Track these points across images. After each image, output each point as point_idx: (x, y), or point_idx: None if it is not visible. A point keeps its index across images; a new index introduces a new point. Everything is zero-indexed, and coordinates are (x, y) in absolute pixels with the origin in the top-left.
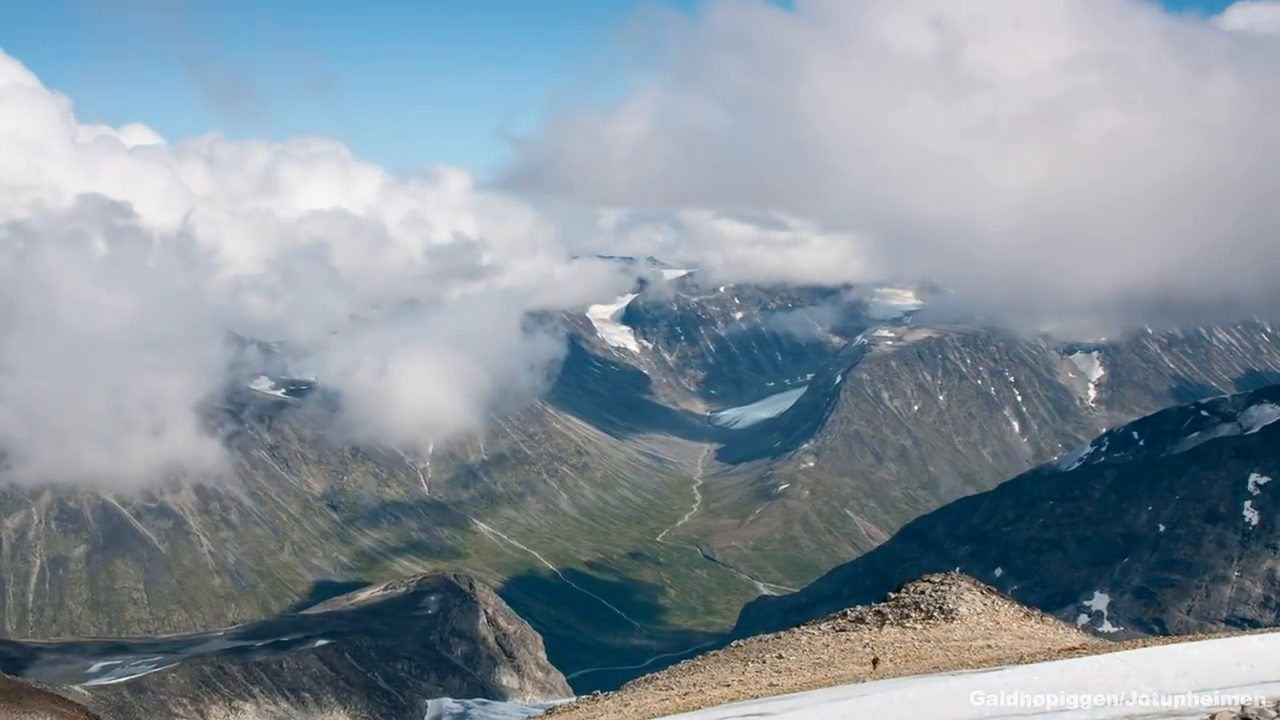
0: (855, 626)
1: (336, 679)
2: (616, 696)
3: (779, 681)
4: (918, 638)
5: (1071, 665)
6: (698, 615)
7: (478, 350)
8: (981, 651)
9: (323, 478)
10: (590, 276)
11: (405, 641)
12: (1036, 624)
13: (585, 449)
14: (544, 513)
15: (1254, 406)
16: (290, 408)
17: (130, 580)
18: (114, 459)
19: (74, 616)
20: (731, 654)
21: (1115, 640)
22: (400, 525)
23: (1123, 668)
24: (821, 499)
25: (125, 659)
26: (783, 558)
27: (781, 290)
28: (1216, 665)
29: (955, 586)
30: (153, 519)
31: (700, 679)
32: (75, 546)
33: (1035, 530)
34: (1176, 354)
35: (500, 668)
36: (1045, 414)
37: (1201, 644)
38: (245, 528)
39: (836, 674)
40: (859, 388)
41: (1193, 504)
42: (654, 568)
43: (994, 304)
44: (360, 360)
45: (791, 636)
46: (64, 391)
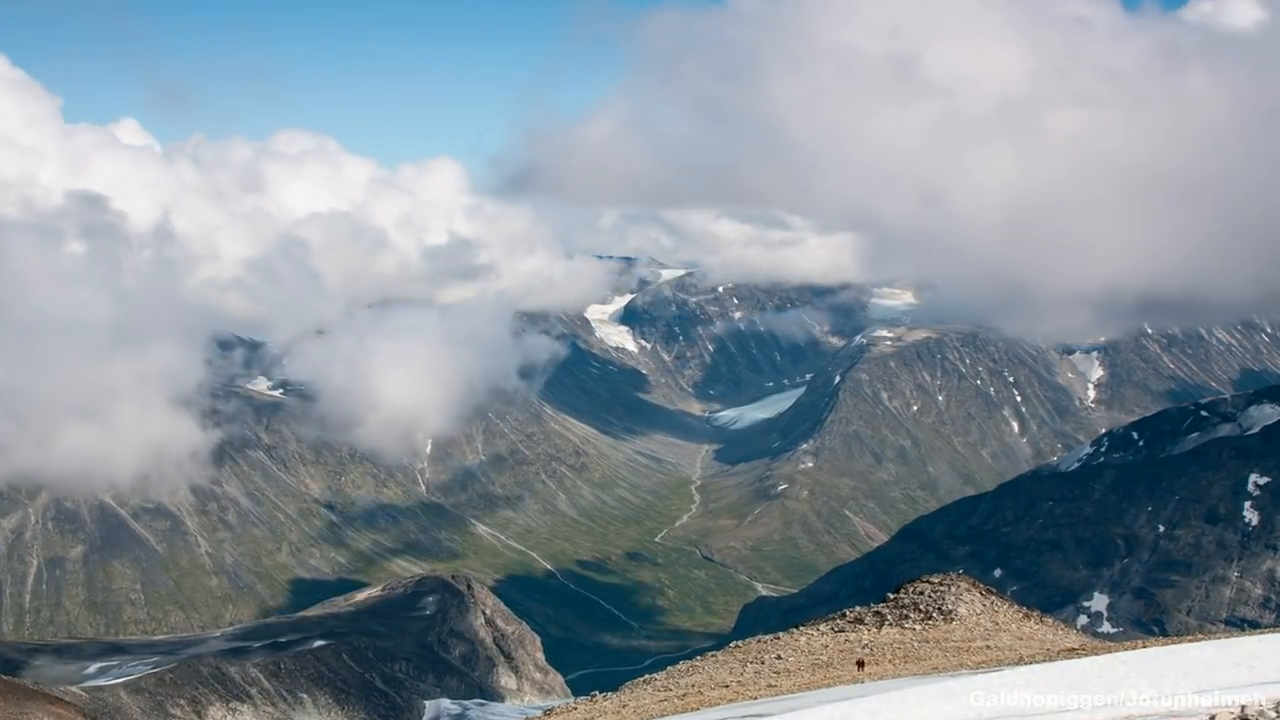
0: (854, 627)
1: (334, 680)
2: (615, 697)
3: (778, 682)
4: (917, 638)
5: (1071, 666)
6: (696, 616)
7: (475, 351)
8: (981, 652)
9: (320, 479)
10: (588, 276)
11: (403, 642)
12: (1036, 625)
13: (583, 449)
14: (542, 513)
15: (1254, 407)
16: (287, 409)
17: (127, 581)
18: (108, 457)
19: (71, 617)
20: (730, 655)
21: (1114, 641)
22: (398, 526)
23: (1122, 669)
24: (820, 499)
25: (122, 660)
26: (781, 558)
27: (780, 290)
28: (1216, 666)
29: (954, 587)
30: (150, 519)
31: (699, 680)
32: (72, 547)
33: (1034, 531)
34: (1176, 354)
35: (498, 669)
36: (1044, 414)
37: (1201, 645)
38: (243, 528)
39: (835, 675)
40: (858, 388)
41: (1192, 504)
42: (652, 568)
43: (985, 304)
44: (357, 361)
45: (790, 637)
46: (47, 385)
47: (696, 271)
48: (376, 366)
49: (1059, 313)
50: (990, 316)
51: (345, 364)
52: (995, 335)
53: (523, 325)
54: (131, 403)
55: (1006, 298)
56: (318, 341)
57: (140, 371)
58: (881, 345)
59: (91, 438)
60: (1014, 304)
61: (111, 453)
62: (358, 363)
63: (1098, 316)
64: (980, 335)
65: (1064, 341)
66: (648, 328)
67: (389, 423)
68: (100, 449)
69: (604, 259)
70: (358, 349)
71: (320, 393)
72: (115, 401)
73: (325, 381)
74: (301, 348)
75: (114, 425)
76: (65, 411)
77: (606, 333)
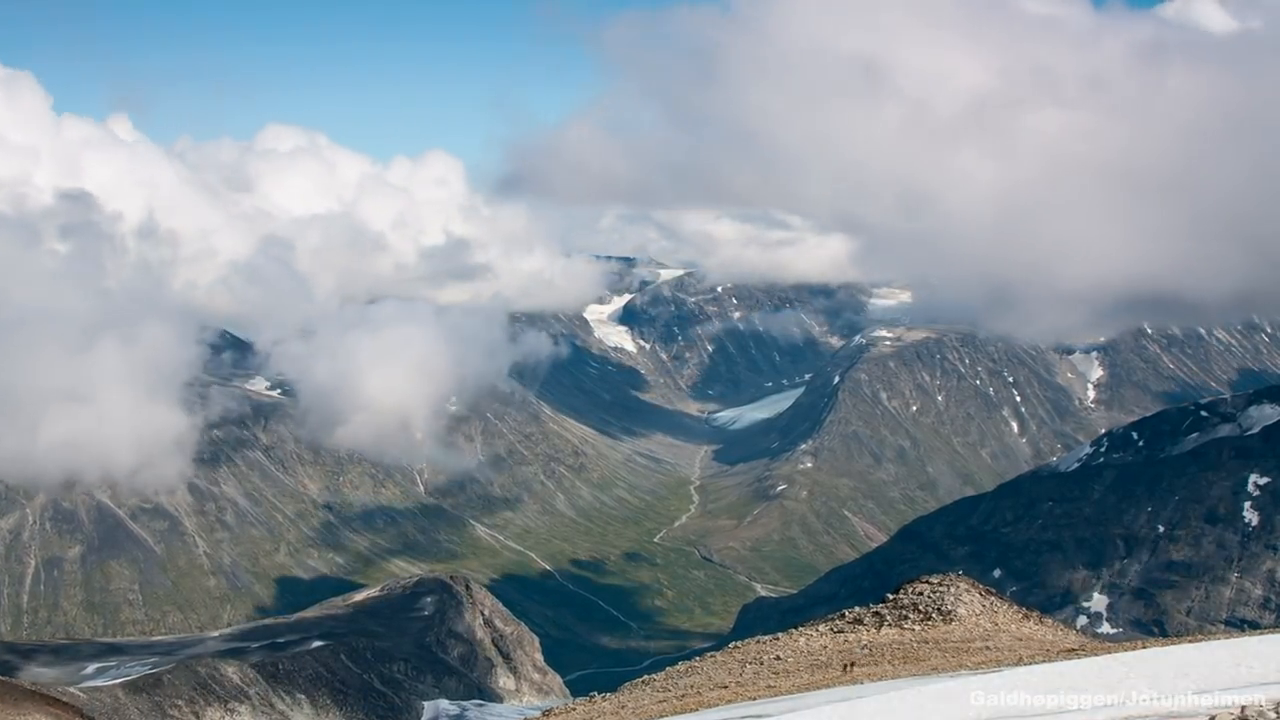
0: (853, 628)
1: (332, 680)
2: (613, 698)
3: (777, 683)
4: (916, 639)
5: (1071, 667)
6: (695, 617)
7: (472, 351)
8: (980, 653)
9: (318, 479)
10: (587, 276)
11: (401, 643)
12: (1035, 625)
13: (582, 449)
14: (540, 514)
15: (1254, 407)
16: (285, 409)
17: (125, 581)
18: (102, 454)
19: (69, 617)
20: (729, 656)
21: (1114, 642)
22: (396, 526)
23: (1122, 669)
24: (819, 500)
25: (120, 660)
26: (780, 559)
27: (778, 290)
28: (1216, 666)
29: (954, 588)
30: (148, 520)
31: (697, 681)
32: (70, 547)
33: (1034, 531)
34: (1175, 354)
35: (497, 669)
36: (1044, 414)
37: (1201, 645)
38: (241, 529)
39: (835, 676)
40: (857, 388)
41: (1192, 505)
42: (651, 569)
43: (980, 303)
44: (354, 361)
45: (789, 638)
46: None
47: (695, 271)
48: (373, 367)
49: (1054, 312)
50: (986, 316)
51: (343, 364)
52: (994, 335)
53: (521, 325)
54: (124, 397)
55: (1000, 297)
56: (313, 341)
57: (130, 365)
58: (880, 345)
59: (84, 432)
60: (1008, 303)
61: (105, 450)
62: (355, 363)
63: (1093, 316)
64: (979, 335)
65: (1063, 341)
66: (646, 328)
67: (386, 423)
68: (93, 444)
69: (602, 259)
70: (355, 349)
71: (318, 393)
72: (107, 395)
73: (323, 382)
74: (297, 348)
75: (106, 419)
76: (52, 405)
77: (605, 333)
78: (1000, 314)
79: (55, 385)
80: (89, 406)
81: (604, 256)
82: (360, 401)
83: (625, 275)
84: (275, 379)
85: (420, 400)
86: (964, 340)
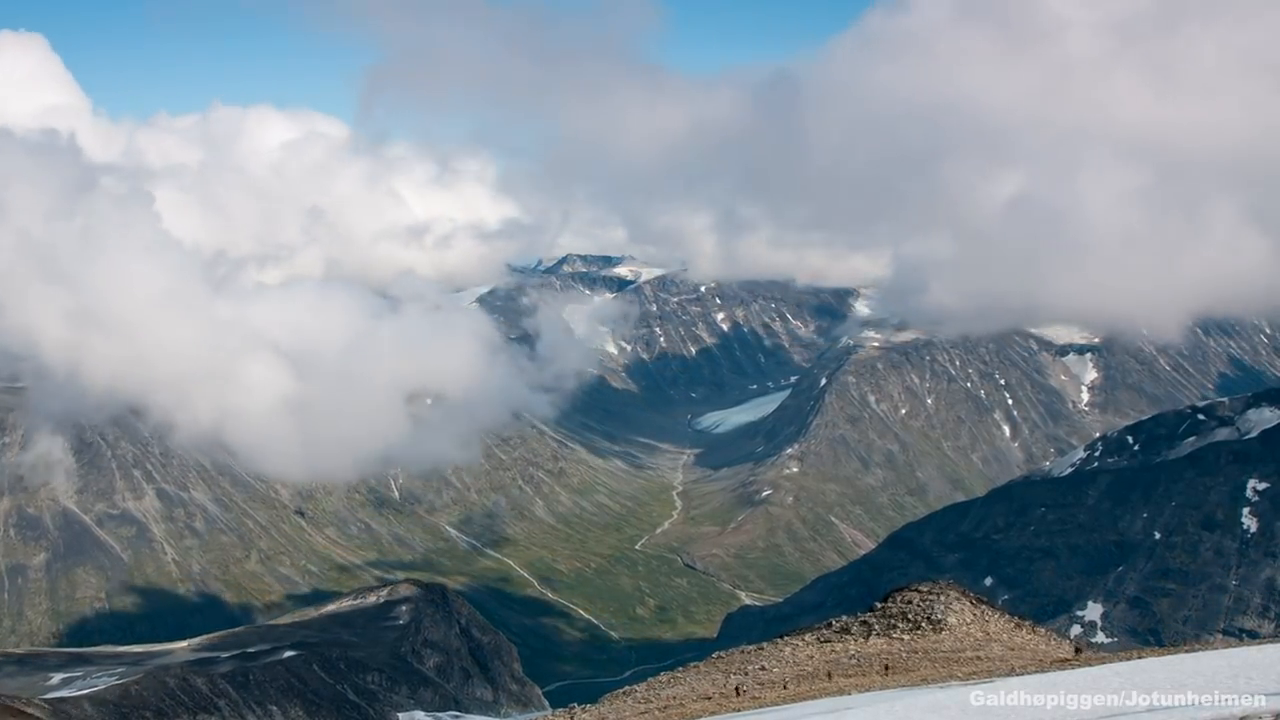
0: (840, 637)
1: (305, 691)
2: (594, 709)
3: (762, 694)
4: (905, 649)
5: (1064, 677)
6: (678, 625)
7: (447, 354)
8: (971, 663)
9: (290, 485)
10: (567, 276)
11: (376, 653)
12: (1028, 635)
13: (561, 454)
14: (519, 520)
15: (1252, 410)
16: None
17: (92, 589)
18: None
19: (33, 626)
20: (713, 666)
21: (1109, 652)
22: (370, 533)
23: (1117, 680)
24: (805, 505)
25: (87, 670)
26: (765, 566)
27: (764, 291)
28: (1214, 676)
29: (944, 596)
30: (115, 526)
31: (680, 692)
32: (35, 554)
33: (1027, 538)
34: (1172, 356)
35: (474, 680)
36: (1037, 418)
37: (1199, 655)
38: (211, 535)
39: (821, 686)
40: (844, 391)
41: (1189, 511)
42: (633, 576)
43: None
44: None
45: (774, 648)
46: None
47: (678, 271)
48: (348, 371)
49: (1049, 313)
50: (978, 317)
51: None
52: (985, 336)
53: (501, 327)
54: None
55: (994, 297)
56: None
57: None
58: (868, 347)
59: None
60: (1002, 303)
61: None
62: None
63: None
64: (970, 336)
65: (1057, 343)
66: (628, 329)
67: (360, 428)
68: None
69: (584, 259)
70: (332, 352)
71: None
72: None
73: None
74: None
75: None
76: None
77: (585, 334)
78: (996, 314)
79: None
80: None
81: (585, 256)
82: (335, 406)
83: (607, 275)
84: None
85: (395, 404)
86: (954, 341)
